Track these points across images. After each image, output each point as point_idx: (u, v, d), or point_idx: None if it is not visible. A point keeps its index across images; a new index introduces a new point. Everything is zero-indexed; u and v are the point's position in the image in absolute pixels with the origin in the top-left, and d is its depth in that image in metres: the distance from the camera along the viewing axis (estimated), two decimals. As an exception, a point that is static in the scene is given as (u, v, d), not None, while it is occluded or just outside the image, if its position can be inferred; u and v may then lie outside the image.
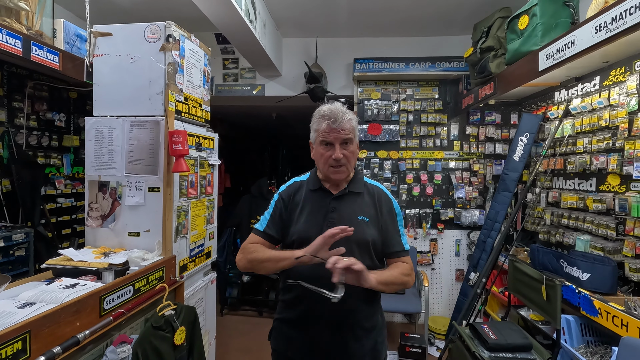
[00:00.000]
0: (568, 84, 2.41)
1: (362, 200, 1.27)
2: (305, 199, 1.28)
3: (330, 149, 1.21)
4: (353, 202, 1.26)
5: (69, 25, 2.27)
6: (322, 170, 1.28)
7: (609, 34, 1.56)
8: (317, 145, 1.25)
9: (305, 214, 1.25)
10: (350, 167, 1.26)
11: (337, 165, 1.21)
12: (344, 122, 1.19)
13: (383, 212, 1.27)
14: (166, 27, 1.67)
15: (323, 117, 1.21)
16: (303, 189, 1.31)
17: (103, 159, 1.72)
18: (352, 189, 1.28)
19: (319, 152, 1.24)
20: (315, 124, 1.25)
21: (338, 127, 1.18)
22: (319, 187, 1.29)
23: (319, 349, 1.21)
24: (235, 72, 3.92)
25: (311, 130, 1.29)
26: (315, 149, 1.27)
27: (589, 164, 2.18)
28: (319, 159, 1.26)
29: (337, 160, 1.20)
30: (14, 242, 2.16)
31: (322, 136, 1.21)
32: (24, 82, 2.53)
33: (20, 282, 1.36)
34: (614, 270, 1.82)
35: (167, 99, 1.66)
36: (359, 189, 1.29)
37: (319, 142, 1.23)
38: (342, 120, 1.19)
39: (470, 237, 3.51)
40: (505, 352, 1.77)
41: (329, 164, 1.22)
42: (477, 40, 2.86)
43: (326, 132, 1.20)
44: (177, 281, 1.67)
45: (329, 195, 1.27)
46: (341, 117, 1.19)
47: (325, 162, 1.23)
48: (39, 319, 0.97)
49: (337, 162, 1.20)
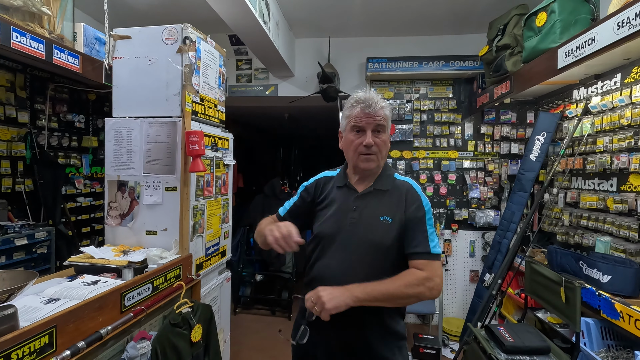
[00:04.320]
0: (587, 82, 2.35)
1: (388, 198, 1.18)
2: (331, 196, 1.24)
3: (362, 136, 1.15)
4: (378, 201, 1.18)
5: (88, 29, 2.33)
6: (351, 159, 1.22)
7: (632, 30, 1.52)
8: (348, 132, 1.20)
9: (329, 212, 1.21)
10: (381, 158, 1.19)
11: (367, 153, 1.15)
12: (378, 108, 1.14)
13: (409, 210, 1.16)
14: (183, 30, 1.70)
15: (357, 102, 1.17)
16: (330, 185, 1.27)
17: (122, 159, 1.75)
18: (377, 186, 1.20)
19: (349, 139, 1.19)
20: (347, 109, 1.20)
21: (372, 112, 1.14)
22: (344, 183, 1.24)
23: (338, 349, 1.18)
24: (249, 73, 3.96)
25: (341, 118, 1.24)
26: (345, 136, 1.22)
27: (609, 163, 2.12)
28: (348, 146, 1.20)
29: (368, 146, 1.14)
30: (37, 240, 2.22)
31: (353, 121, 1.16)
32: (46, 85, 2.60)
33: (44, 279, 1.40)
34: (637, 273, 1.78)
35: (184, 100, 1.69)
36: (386, 186, 1.20)
37: (350, 127, 1.18)
38: (376, 106, 1.14)
39: (484, 237, 3.46)
40: (522, 354, 1.74)
41: (359, 152, 1.16)
42: (492, 39, 2.82)
43: (359, 117, 1.15)
44: (194, 279, 1.70)
45: (353, 193, 1.22)
46: (376, 103, 1.15)
47: (355, 149, 1.17)
48: (64, 314, 1.00)
49: (367, 149, 1.14)
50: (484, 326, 2.03)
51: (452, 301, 3.55)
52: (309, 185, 1.31)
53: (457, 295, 3.54)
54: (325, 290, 1.01)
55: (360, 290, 1.02)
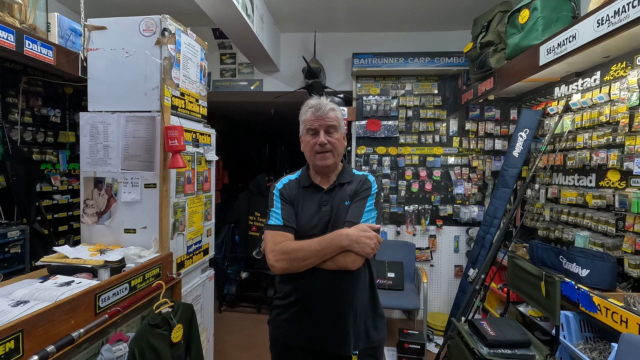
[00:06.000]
0: (568, 79, 2.39)
1: (349, 187, 1.31)
2: (298, 196, 1.31)
3: (316, 136, 1.27)
4: (343, 192, 1.30)
5: (63, 19, 2.23)
6: (310, 160, 1.32)
7: (611, 28, 1.55)
8: (305, 135, 1.31)
9: (299, 211, 1.28)
10: (336, 155, 1.30)
11: (322, 150, 1.26)
12: (327, 110, 1.27)
13: (359, 190, 1.29)
14: (161, 21, 1.64)
15: (309, 107, 1.30)
16: (296, 186, 1.34)
17: (98, 155, 1.69)
18: (341, 180, 1.32)
19: (306, 141, 1.30)
20: (302, 115, 1.32)
21: (322, 115, 1.26)
22: (309, 183, 1.33)
23: (319, 334, 1.21)
24: (233, 68, 3.89)
25: (300, 124, 1.34)
26: (303, 139, 1.32)
27: (588, 159, 2.17)
28: (306, 148, 1.31)
29: (322, 145, 1.25)
30: (9, 239, 2.13)
31: (308, 124, 1.28)
32: (18, 78, 2.49)
33: (15, 280, 1.34)
34: (614, 267, 1.82)
35: (163, 94, 1.64)
36: (347, 179, 1.33)
37: (306, 130, 1.30)
38: (325, 108, 1.26)
39: (469, 233, 3.50)
40: (504, 348, 1.76)
41: (315, 150, 1.27)
42: (477, 35, 2.83)
43: (311, 120, 1.27)
44: (174, 278, 1.66)
45: (320, 190, 1.31)
46: (325, 106, 1.27)
47: (311, 149, 1.28)
48: (33, 318, 0.95)
49: (322, 148, 1.25)
50: (467, 321, 2.06)
51: (437, 296, 3.59)
52: (282, 188, 1.34)
53: (442, 290, 3.58)
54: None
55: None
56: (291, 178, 1.38)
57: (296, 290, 1.23)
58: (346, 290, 1.20)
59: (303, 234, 1.23)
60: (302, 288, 1.22)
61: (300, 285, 1.22)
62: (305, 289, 1.21)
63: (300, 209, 1.29)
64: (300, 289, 1.22)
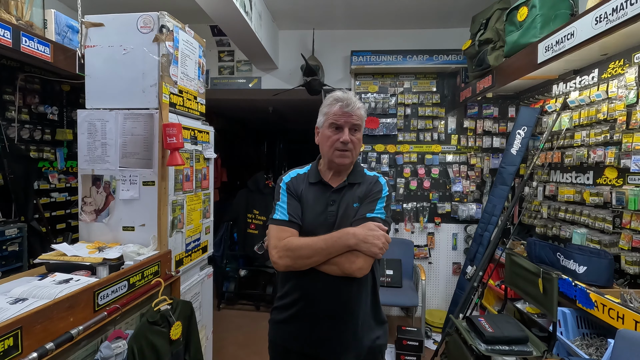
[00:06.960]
0: (566, 77, 2.40)
1: (359, 189, 1.26)
2: (306, 192, 1.26)
3: (339, 133, 1.20)
4: (352, 192, 1.25)
5: (60, 16, 2.22)
6: (326, 154, 1.25)
7: (610, 25, 1.55)
8: (325, 129, 1.23)
9: (307, 207, 1.23)
10: (355, 155, 1.25)
11: (343, 149, 1.20)
12: (355, 108, 1.20)
13: (370, 192, 1.24)
14: (159, 18, 1.63)
15: (336, 100, 1.21)
16: (304, 181, 1.29)
17: (96, 152, 1.69)
18: (351, 180, 1.27)
19: (325, 135, 1.23)
20: (325, 107, 1.25)
21: (350, 111, 1.19)
22: (318, 180, 1.27)
23: (317, 338, 1.19)
24: (231, 65, 3.87)
25: (319, 115, 1.28)
26: (322, 132, 1.25)
27: (586, 157, 2.17)
28: (324, 142, 1.24)
29: (345, 143, 1.19)
30: (7, 237, 2.12)
31: (332, 118, 1.21)
32: (15, 75, 2.48)
33: (13, 278, 1.34)
34: (611, 263, 1.83)
35: (161, 91, 1.63)
36: (358, 179, 1.27)
37: (328, 124, 1.22)
38: (354, 106, 1.20)
39: (467, 230, 3.51)
40: (501, 344, 1.77)
41: (335, 147, 1.20)
42: (475, 33, 2.83)
43: (337, 115, 1.20)
44: (173, 276, 1.66)
45: (329, 188, 1.25)
46: (354, 103, 1.20)
47: (331, 145, 1.21)
48: (31, 315, 0.95)
49: (344, 146, 1.19)
50: (465, 317, 2.07)
51: (435, 293, 3.60)
52: (289, 182, 1.29)
53: (440, 287, 3.60)
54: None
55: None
56: (299, 172, 1.32)
57: (296, 289, 1.20)
58: (348, 294, 1.16)
59: (307, 232, 1.18)
60: (303, 288, 1.19)
61: (300, 284, 1.19)
62: (305, 289, 1.18)
63: (306, 206, 1.23)
64: (301, 289, 1.19)
